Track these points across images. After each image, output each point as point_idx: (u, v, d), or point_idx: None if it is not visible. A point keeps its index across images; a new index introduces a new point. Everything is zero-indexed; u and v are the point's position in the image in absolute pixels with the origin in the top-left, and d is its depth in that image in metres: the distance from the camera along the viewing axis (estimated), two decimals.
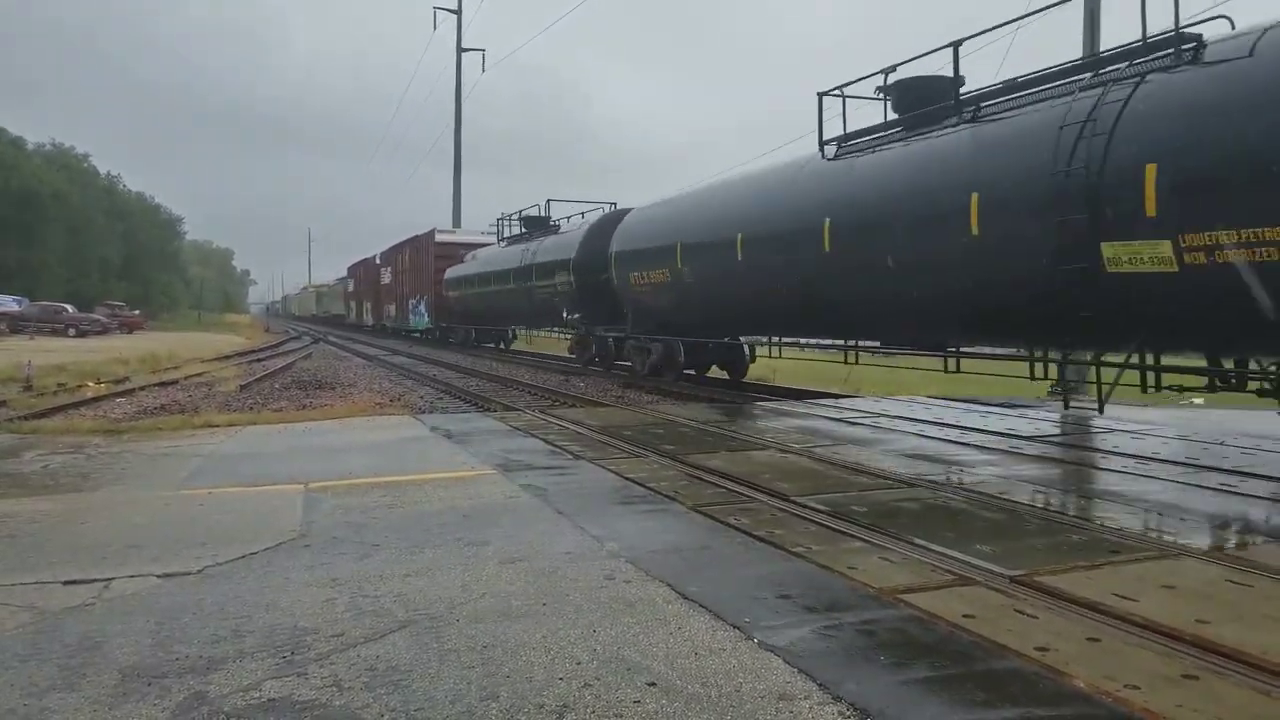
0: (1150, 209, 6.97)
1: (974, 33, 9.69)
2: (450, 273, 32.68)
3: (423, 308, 37.08)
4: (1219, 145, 6.60)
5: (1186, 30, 7.27)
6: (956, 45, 9.72)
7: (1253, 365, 7.91)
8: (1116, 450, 8.05)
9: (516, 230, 27.03)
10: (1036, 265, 7.97)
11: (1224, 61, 6.80)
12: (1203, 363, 7.91)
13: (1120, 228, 7.24)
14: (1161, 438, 8.75)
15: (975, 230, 8.67)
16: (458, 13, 42.48)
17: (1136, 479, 6.77)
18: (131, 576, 4.30)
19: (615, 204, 22.02)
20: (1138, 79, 7.41)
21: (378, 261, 47.15)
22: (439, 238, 35.36)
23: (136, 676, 3.09)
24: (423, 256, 36.30)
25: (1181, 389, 8.10)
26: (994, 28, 9.46)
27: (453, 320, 33.86)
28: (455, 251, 33.38)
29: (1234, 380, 7.80)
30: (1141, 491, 6.27)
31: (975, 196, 8.65)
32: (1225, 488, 6.26)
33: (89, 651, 3.34)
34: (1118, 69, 7.90)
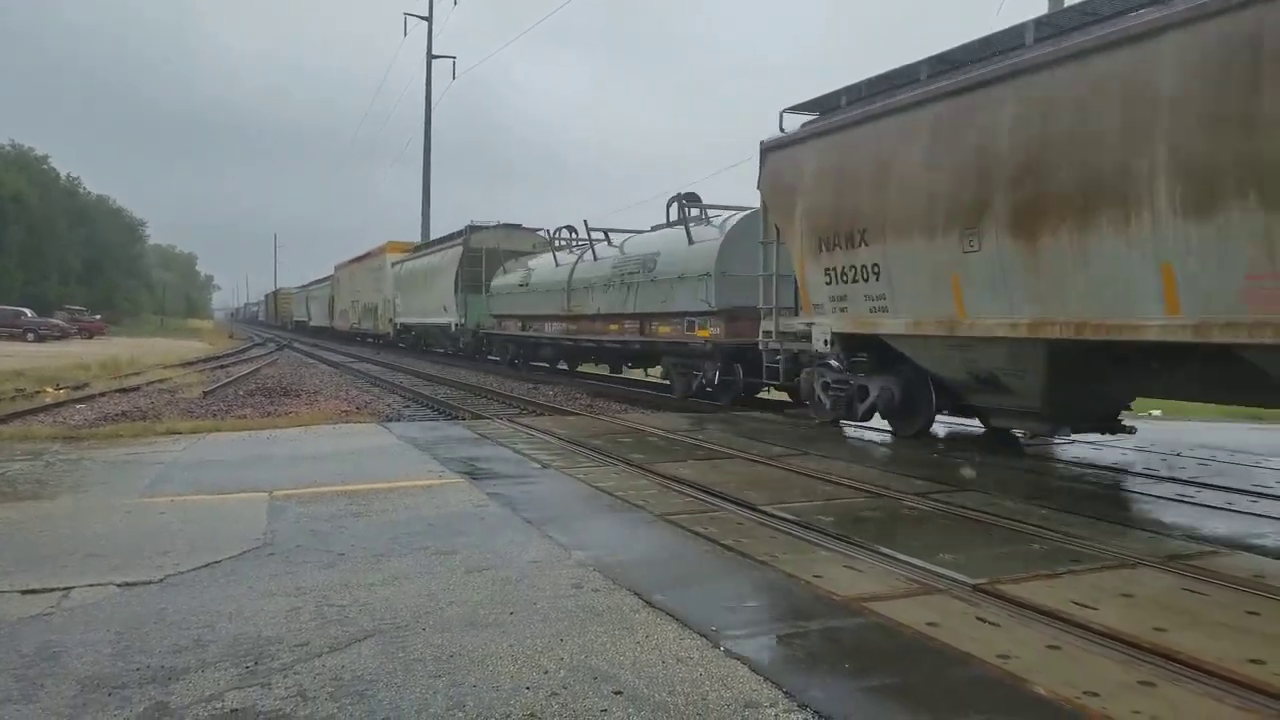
0: None
1: None
2: None
3: None
4: None
5: None
6: None
7: None
8: (1077, 461, 8.18)
9: None
10: None
11: None
12: None
13: None
14: (1120, 449, 8.91)
15: None
16: (428, 19, 42.27)
17: (1097, 489, 6.89)
18: (91, 585, 4.23)
19: None
20: None
21: None
22: None
23: (96, 687, 3.04)
24: None
25: None
26: None
27: None
28: None
29: None
30: (1101, 502, 6.38)
31: None
32: (1181, 498, 6.38)
33: (47, 661, 3.28)
34: None
